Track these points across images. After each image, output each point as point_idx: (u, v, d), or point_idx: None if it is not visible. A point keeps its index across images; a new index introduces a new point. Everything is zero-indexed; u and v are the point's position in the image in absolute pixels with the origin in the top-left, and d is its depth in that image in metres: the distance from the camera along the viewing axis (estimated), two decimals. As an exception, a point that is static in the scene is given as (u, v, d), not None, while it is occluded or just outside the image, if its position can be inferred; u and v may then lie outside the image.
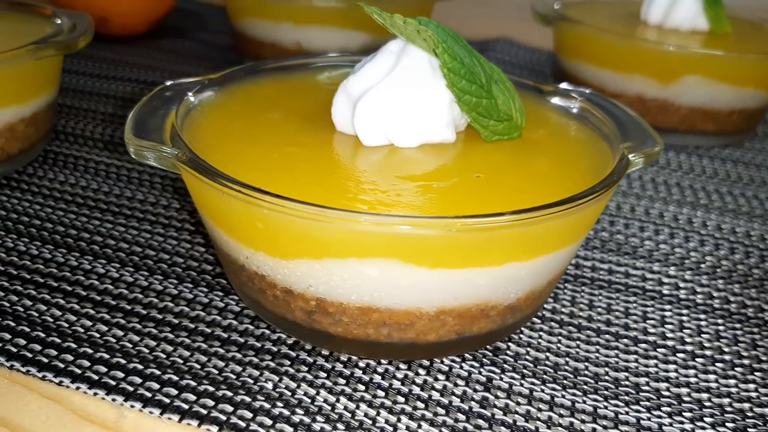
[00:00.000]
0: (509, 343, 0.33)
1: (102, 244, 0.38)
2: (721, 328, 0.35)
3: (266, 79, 0.39)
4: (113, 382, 0.28)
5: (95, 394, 0.28)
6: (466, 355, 0.31)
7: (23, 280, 0.34)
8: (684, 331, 0.35)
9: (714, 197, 0.49)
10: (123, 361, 0.30)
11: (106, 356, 0.30)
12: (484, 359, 0.31)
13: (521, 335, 0.33)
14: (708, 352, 0.33)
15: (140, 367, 0.29)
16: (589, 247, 0.41)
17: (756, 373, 0.32)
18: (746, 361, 0.33)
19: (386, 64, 0.31)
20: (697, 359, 0.33)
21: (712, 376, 0.32)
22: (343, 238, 0.25)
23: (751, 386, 0.31)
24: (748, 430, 0.29)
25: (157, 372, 0.29)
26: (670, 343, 0.34)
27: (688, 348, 0.33)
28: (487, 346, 0.32)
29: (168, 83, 0.35)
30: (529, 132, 0.35)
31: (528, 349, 0.32)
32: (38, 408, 0.27)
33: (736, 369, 0.32)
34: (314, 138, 0.32)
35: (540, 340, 0.33)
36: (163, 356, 0.30)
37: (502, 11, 0.99)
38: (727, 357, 0.33)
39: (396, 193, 0.28)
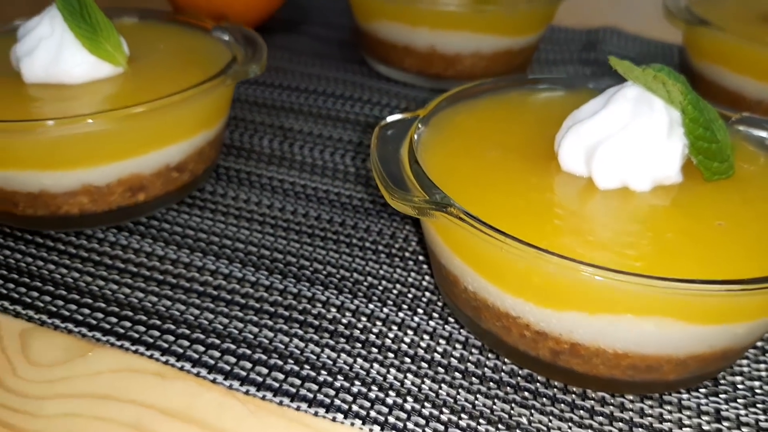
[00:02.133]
0: (723, 373, 0.35)
1: (312, 269, 0.40)
2: None
3: (462, 108, 0.40)
4: (363, 411, 0.31)
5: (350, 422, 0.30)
6: (689, 386, 0.34)
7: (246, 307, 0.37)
8: None
9: None
10: (381, 395, 0.32)
11: (347, 384, 0.32)
12: (705, 390, 0.33)
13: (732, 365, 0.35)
14: None
15: (399, 401, 0.32)
16: None
17: None
18: None
19: (624, 112, 0.32)
20: None
21: None
22: (632, 298, 0.27)
23: None
24: None
25: (417, 406, 0.31)
26: None
27: None
28: (708, 378, 0.34)
29: (388, 120, 0.37)
30: (737, 167, 0.36)
31: (741, 377, 0.34)
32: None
33: None
34: (546, 180, 0.33)
35: (750, 368, 0.35)
36: (415, 389, 0.32)
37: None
38: None
39: (657, 246, 0.29)
